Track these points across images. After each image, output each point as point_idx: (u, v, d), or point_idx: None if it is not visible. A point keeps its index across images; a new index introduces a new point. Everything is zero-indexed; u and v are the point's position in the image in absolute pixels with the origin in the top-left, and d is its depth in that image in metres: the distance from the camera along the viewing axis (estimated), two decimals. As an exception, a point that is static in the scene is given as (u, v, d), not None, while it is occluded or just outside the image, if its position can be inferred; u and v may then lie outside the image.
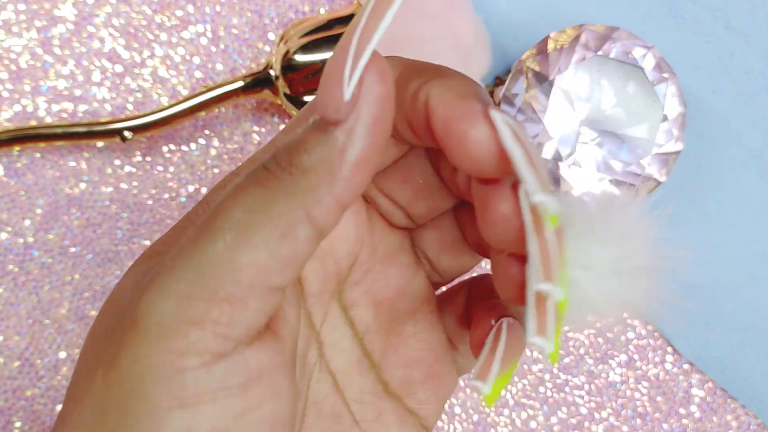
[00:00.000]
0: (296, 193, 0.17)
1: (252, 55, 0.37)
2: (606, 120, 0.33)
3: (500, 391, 0.18)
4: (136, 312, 0.17)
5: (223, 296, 0.16)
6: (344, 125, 0.17)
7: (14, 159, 0.36)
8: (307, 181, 0.17)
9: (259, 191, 0.17)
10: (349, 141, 0.17)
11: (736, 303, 0.37)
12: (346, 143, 0.17)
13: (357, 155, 0.17)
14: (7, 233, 0.36)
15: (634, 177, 0.34)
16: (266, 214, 0.17)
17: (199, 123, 0.37)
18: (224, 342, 0.17)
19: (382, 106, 0.17)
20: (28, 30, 0.37)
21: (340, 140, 0.17)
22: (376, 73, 0.17)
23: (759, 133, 0.37)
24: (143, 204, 0.37)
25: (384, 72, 0.17)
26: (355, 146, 0.17)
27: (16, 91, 0.36)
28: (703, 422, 0.37)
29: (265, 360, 0.17)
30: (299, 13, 0.38)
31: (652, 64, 0.33)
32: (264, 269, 0.17)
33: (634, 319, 0.36)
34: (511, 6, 0.38)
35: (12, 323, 0.35)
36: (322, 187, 0.17)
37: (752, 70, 0.37)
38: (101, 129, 0.35)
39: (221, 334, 0.16)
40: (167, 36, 0.37)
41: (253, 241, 0.17)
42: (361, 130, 0.17)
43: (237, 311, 0.17)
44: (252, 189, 0.17)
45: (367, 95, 0.17)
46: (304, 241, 0.17)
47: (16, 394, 0.35)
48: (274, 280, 0.17)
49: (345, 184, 0.17)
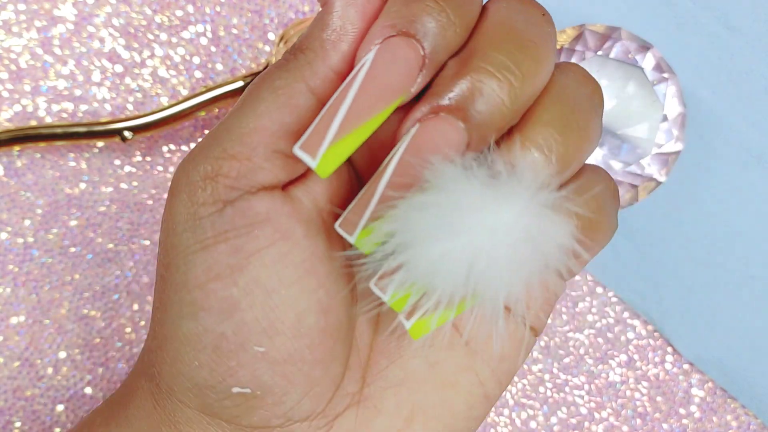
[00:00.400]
0: (297, 68, 0.20)
1: (252, 55, 0.37)
2: (606, 120, 0.33)
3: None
4: (174, 176, 0.21)
5: (232, 154, 0.20)
6: (326, 6, 0.20)
7: (14, 159, 0.36)
8: (305, 57, 0.20)
9: (271, 71, 0.20)
10: (329, 13, 0.20)
11: (736, 303, 0.37)
12: (328, 17, 0.20)
13: (338, 24, 0.20)
14: (7, 233, 0.36)
15: (634, 177, 0.34)
16: (271, 87, 0.20)
17: (199, 123, 0.37)
18: (231, 191, 0.20)
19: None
20: (28, 30, 0.37)
21: (324, 17, 0.20)
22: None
23: (759, 133, 0.37)
24: (143, 204, 0.37)
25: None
26: (334, 17, 0.20)
27: (16, 91, 0.36)
28: (703, 422, 0.37)
29: (270, 206, 0.20)
30: (299, 13, 0.38)
31: (652, 64, 0.33)
32: (267, 133, 0.20)
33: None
34: (511, 6, 0.38)
35: (12, 323, 0.36)
36: (317, 60, 0.20)
37: (752, 70, 0.37)
38: (101, 129, 0.35)
39: (229, 185, 0.20)
40: (167, 36, 0.37)
41: (259, 109, 0.20)
42: (338, 3, 0.20)
43: (243, 167, 0.20)
44: (268, 72, 0.20)
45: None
46: (306, 110, 0.20)
47: (16, 394, 0.35)
48: (277, 144, 0.20)
49: (335, 53, 0.20)
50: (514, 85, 0.19)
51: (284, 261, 0.20)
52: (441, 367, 0.22)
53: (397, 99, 0.19)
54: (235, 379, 0.20)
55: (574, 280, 0.37)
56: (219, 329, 0.20)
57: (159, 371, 0.21)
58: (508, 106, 0.19)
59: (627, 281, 0.37)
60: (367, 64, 0.19)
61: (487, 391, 0.22)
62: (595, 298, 0.37)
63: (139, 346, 0.36)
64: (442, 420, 0.22)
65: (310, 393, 0.21)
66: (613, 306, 0.37)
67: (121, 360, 0.36)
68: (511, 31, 0.19)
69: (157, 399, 0.22)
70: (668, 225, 0.37)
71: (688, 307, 0.37)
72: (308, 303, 0.20)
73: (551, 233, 0.19)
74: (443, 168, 0.18)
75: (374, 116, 0.19)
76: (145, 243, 0.36)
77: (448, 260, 0.18)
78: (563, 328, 0.37)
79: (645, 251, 0.37)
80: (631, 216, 0.37)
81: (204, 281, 0.20)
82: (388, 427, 0.22)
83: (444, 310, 0.19)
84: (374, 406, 0.22)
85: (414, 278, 0.18)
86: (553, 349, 0.37)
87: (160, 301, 0.21)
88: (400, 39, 0.19)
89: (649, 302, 0.37)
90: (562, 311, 0.37)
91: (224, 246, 0.20)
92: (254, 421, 0.21)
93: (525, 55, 0.19)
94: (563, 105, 0.20)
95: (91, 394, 0.36)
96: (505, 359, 0.22)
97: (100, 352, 0.36)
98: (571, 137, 0.20)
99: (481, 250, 0.18)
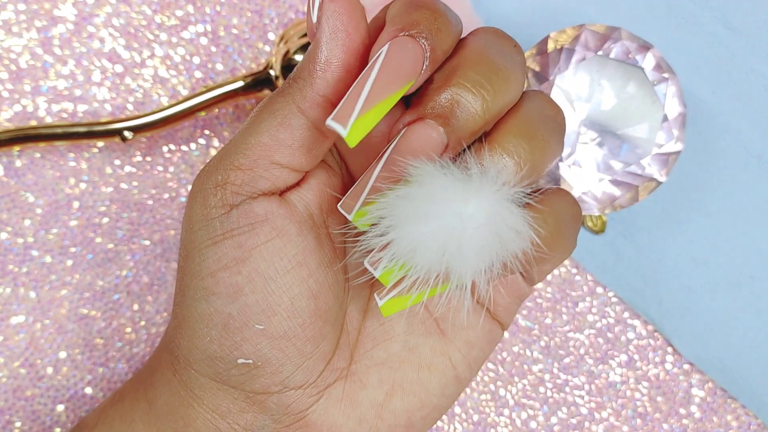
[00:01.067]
0: (290, 93, 0.24)
1: (252, 55, 0.37)
2: (606, 120, 0.33)
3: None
4: (193, 183, 0.25)
5: (237, 165, 0.24)
6: (314, 40, 0.24)
7: (14, 159, 0.36)
8: (297, 84, 0.24)
9: (273, 96, 0.24)
10: (317, 49, 0.23)
11: (736, 303, 0.37)
12: (315, 51, 0.23)
13: (323, 57, 0.23)
14: (7, 233, 0.36)
15: (634, 177, 0.34)
16: (270, 110, 0.24)
17: (199, 123, 0.37)
18: (237, 197, 0.24)
19: (337, 19, 0.23)
20: (28, 30, 0.37)
21: (313, 51, 0.23)
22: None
23: (759, 133, 0.37)
24: (143, 204, 0.37)
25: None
26: (322, 51, 0.23)
27: (16, 91, 0.36)
28: (703, 422, 0.37)
29: (268, 208, 0.24)
30: (299, 13, 0.38)
31: (652, 64, 0.33)
32: (266, 148, 0.24)
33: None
34: (511, 6, 0.38)
35: (12, 323, 0.36)
36: (307, 87, 0.23)
37: (752, 70, 0.37)
38: (101, 129, 0.35)
39: (235, 191, 0.24)
40: (167, 36, 0.37)
41: (259, 128, 0.24)
42: (323, 38, 0.23)
43: (246, 176, 0.24)
44: (271, 96, 0.24)
45: (326, 13, 0.23)
46: (298, 128, 0.24)
47: (16, 394, 0.35)
48: (275, 157, 0.24)
49: (321, 81, 0.23)
50: (487, 99, 0.23)
51: (280, 254, 0.24)
52: (418, 350, 0.27)
53: (408, 83, 0.23)
54: (240, 352, 0.24)
55: (575, 280, 0.37)
56: (227, 310, 0.24)
57: (178, 345, 0.25)
58: (482, 116, 0.23)
59: (627, 281, 0.37)
60: (383, 54, 0.23)
61: (459, 373, 0.27)
62: (595, 298, 0.37)
63: (139, 346, 0.36)
64: (418, 396, 0.26)
65: (302, 366, 0.25)
66: (613, 306, 0.37)
67: (121, 360, 0.36)
68: (486, 57, 0.24)
69: (176, 368, 0.26)
70: (668, 225, 0.37)
71: (688, 307, 0.37)
72: (300, 289, 0.24)
73: (509, 221, 0.23)
74: (423, 165, 0.22)
75: (391, 95, 0.22)
76: (145, 243, 0.36)
77: (426, 241, 0.22)
78: (563, 328, 0.37)
79: (645, 251, 0.37)
80: (631, 216, 0.37)
81: (214, 270, 0.24)
82: (372, 398, 0.26)
83: (418, 291, 0.23)
84: (360, 381, 0.26)
85: (398, 255, 0.22)
86: (553, 349, 0.37)
87: (179, 287, 0.25)
88: (408, 38, 0.23)
89: (649, 302, 0.37)
90: (562, 311, 0.37)
91: (230, 242, 0.24)
92: (256, 387, 0.25)
93: (497, 76, 0.23)
94: (529, 119, 0.24)
95: (91, 394, 0.36)
96: (474, 347, 0.27)
97: (100, 352, 0.36)
98: (536, 146, 0.24)
99: (452, 234, 0.22)
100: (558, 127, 0.25)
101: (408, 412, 0.26)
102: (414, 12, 0.23)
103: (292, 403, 0.25)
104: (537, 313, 0.37)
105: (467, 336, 0.27)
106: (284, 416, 0.25)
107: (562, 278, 0.37)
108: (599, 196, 0.34)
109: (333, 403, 0.26)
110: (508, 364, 0.37)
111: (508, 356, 0.37)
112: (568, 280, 0.37)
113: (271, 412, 0.25)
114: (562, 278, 0.37)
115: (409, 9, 0.23)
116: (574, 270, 0.37)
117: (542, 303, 0.37)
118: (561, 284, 0.37)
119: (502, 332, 0.27)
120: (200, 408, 0.25)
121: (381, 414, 0.26)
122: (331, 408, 0.26)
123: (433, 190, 0.22)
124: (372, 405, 0.26)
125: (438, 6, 0.24)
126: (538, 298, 0.37)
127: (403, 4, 0.24)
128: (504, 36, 0.25)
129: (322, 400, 0.26)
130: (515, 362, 0.37)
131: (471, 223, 0.22)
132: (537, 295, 0.37)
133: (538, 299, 0.37)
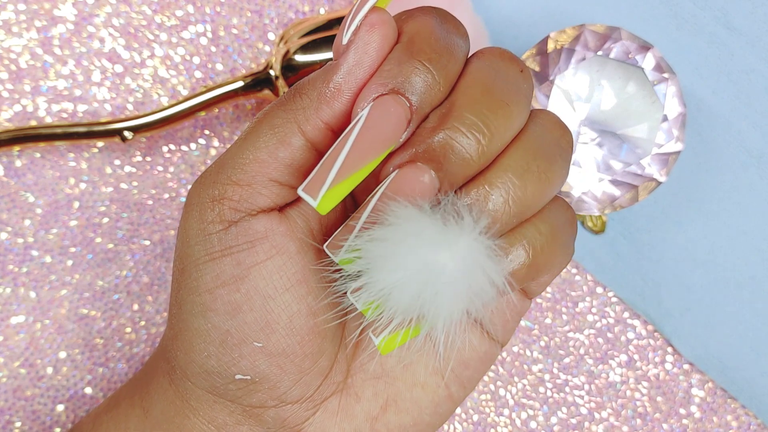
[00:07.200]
0: (293, 110, 0.23)
1: (252, 55, 0.37)
2: (606, 120, 0.33)
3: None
4: (188, 193, 0.24)
5: (235, 180, 0.23)
6: (336, 62, 0.22)
7: (14, 159, 0.36)
8: (301, 101, 0.22)
9: (273, 108, 0.23)
10: (335, 71, 0.22)
11: (736, 303, 0.37)
12: (332, 73, 0.22)
13: (337, 83, 0.22)
14: (7, 233, 0.36)
15: (634, 177, 0.34)
16: (270, 124, 0.23)
17: (199, 123, 0.37)
18: (235, 213, 0.23)
19: (366, 53, 0.22)
20: (28, 30, 0.37)
21: (329, 72, 0.22)
22: (368, 23, 0.22)
23: (759, 133, 0.37)
24: (143, 204, 0.37)
25: (374, 23, 0.22)
26: (338, 75, 0.22)
27: (16, 91, 0.36)
28: (703, 422, 0.37)
29: (268, 226, 0.23)
30: (299, 13, 0.38)
31: (652, 64, 0.33)
32: (265, 164, 0.23)
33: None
34: (511, 6, 0.38)
35: (12, 323, 0.36)
36: (311, 109, 0.22)
37: (752, 70, 0.37)
38: (101, 129, 0.35)
39: (233, 207, 0.23)
40: (167, 36, 0.37)
41: (258, 143, 0.23)
42: (345, 65, 0.22)
43: (245, 192, 0.23)
44: (271, 108, 0.23)
45: (358, 42, 0.22)
46: (297, 149, 0.23)
47: (16, 394, 0.35)
48: (273, 174, 0.23)
49: (327, 108, 0.22)
50: (482, 142, 0.22)
51: (279, 272, 0.23)
52: (413, 368, 0.26)
53: (387, 149, 0.22)
54: (238, 368, 0.24)
55: (574, 280, 0.37)
56: (224, 326, 0.23)
57: (174, 356, 0.25)
58: (476, 160, 0.22)
59: (627, 281, 0.37)
60: (362, 119, 0.21)
61: (452, 393, 0.26)
62: (595, 298, 0.37)
63: (139, 346, 0.36)
64: (411, 413, 0.26)
65: (300, 381, 0.25)
66: (613, 306, 0.37)
67: (121, 360, 0.36)
68: (487, 92, 0.22)
69: (172, 378, 0.25)
70: (668, 225, 0.37)
71: (688, 307, 0.37)
72: (299, 307, 0.24)
73: (483, 273, 0.22)
74: (402, 209, 0.21)
75: (367, 164, 0.22)
76: (145, 243, 0.36)
77: (397, 287, 0.21)
78: (563, 328, 0.37)
79: (645, 251, 0.37)
80: (631, 216, 0.37)
81: (212, 287, 0.23)
82: (367, 411, 0.26)
83: (403, 330, 0.22)
84: (355, 394, 0.26)
85: (373, 297, 0.22)
86: (553, 349, 0.37)
87: (175, 300, 0.25)
88: (391, 97, 0.22)
89: (649, 302, 0.37)
90: (562, 311, 0.37)
91: (229, 259, 0.23)
92: (253, 402, 0.25)
93: (496, 116, 0.22)
94: (526, 151, 0.23)
95: (91, 394, 0.36)
96: (469, 367, 0.26)
97: (100, 352, 0.36)
98: (530, 181, 0.23)
99: (426, 282, 0.21)
100: (563, 152, 0.24)
101: (401, 427, 0.26)
102: (408, 62, 0.22)
103: (288, 417, 0.25)
104: (537, 313, 0.37)
105: (461, 356, 0.26)
106: (280, 429, 0.25)
107: (562, 278, 0.37)
108: (599, 196, 0.34)
109: (329, 416, 0.26)
110: (508, 364, 0.37)
111: (508, 356, 0.37)
112: (568, 280, 0.37)
113: (267, 426, 0.25)
114: (562, 278, 0.37)
115: (405, 54, 0.22)
116: (574, 270, 0.37)
117: (542, 303, 0.37)
118: (561, 284, 0.37)
119: (500, 350, 0.27)
120: (196, 419, 0.25)
121: (375, 427, 0.26)
122: (326, 421, 0.25)
123: (410, 236, 0.21)
124: (367, 418, 0.26)
125: (440, 43, 0.22)
126: (538, 298, 0.37)
127: (403, 47, 0.22)
128: (511, 60, 0.24)
129: (318, 414, 0.25)
130: (515, 362, 0.37)
131: (444, 275, 0.21)
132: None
133: (538, 299, 0.37)
